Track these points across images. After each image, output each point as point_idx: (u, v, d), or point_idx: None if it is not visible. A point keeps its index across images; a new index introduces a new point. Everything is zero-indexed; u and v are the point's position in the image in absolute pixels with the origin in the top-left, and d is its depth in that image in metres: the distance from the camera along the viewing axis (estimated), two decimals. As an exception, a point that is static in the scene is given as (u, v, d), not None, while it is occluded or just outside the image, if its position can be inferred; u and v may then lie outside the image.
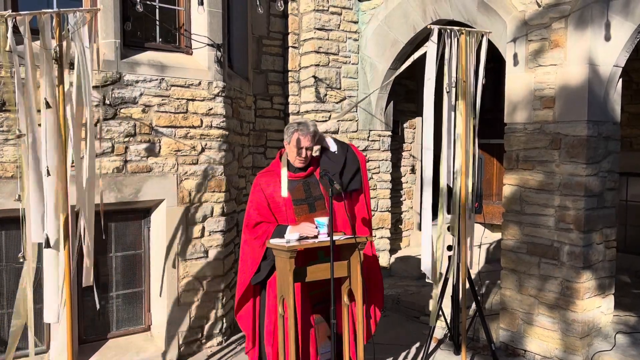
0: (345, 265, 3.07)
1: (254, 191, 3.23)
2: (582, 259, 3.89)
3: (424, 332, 4.70)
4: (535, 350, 4.17)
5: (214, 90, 4.38)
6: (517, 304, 4.29)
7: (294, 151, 3.17)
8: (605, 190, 4.04)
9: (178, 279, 4.25)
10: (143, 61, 4.06)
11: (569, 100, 3.91)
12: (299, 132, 3.14)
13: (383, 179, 6.15)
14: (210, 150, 4.37)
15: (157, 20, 4.29)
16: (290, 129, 3.18)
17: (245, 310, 3.32)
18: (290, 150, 3.19)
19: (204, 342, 4.43)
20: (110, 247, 4.11)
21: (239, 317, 3.34)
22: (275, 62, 5.81)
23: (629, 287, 5.24)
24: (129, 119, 3.98)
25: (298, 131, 3.14)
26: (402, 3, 5.38)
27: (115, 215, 4.07)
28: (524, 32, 4.16)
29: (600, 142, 3.95)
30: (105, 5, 3.83)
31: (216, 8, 4.39)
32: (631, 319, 4.34)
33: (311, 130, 3.16)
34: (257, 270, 3.18)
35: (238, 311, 3.33)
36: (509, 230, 4.32)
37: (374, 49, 5.76)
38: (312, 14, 5.59)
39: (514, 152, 4.27)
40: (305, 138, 3.13)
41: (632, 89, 6.16)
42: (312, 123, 3.23)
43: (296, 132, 3.14)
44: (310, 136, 3.15)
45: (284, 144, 3.25)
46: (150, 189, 4.08)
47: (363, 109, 5.94)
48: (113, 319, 4.16)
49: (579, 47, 3.85)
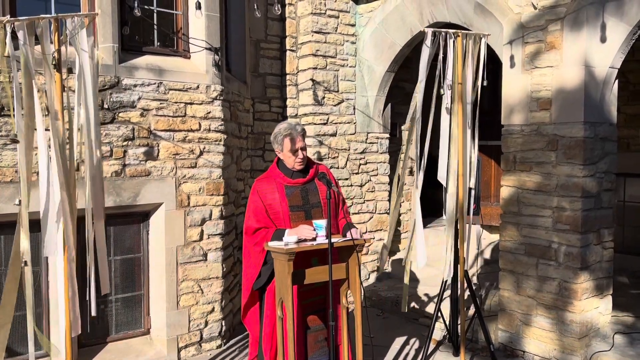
0: (343, 268, 3.08)
1: (252, 197, 3.23)
2: (579, 260, 3.90)
3: (423, 333, 4.71)
4: (534, 351, 4.18)
5: (212, 94, 4.39)
6: (515, 305, 4.30)
7: (289, 155, 3.16)
8: (602, 191, 4.05)
9: (177, 282, 4.25)
10: (141, 65, 4.07)
11: (566, 101, 3.93)
12: (287, 137, 3.13)
13: (381, 181, 6.17)
14: (209, 153, 4.39)
15: (155, 24, 4.30)
16: (279, 137, 3.15)
17: (251, 314, 3.33)
18: (286, 156, 3.18)
19: (203, 345, 4.44)
20: (109, 251, 4.11)
21: (246, 321, 3.35)
22: (273, 65, 5.83)
23: (627, 288, 5.25)
24: (128, 123, 3.99)
25: (287, 136, 3.13)
26: (399, 6, 5.40)
27: (114, 219, 4.07)
28: (520, 34, 4.18)
29: (596, 143, 3.97)
30: (103, 9, 3.85)
31: (214, 12, 4.41)
32: (629, 319, 4.35)
33: (299, 130, 3.16)
34: (258, 276, 3.20)
35: (245, 316, 3.34)
36: (507, 231, 4.34)
37: (372, 51, 5.78)
38: (309, 17, 5.61)
39: (511, 154, 4.29)
40: (297, 139, 3.14)
41: (629, 90, 6.18)
42: (295, 122, 3.25)
43: (286, 137, 3.13)
44: (301, 135, 3.16)
45: (277, 152, 3.23)
46: (149, 193, 4.09)
47: (361, 112, 5.95)
48: (112, 323, 4.17)
49: (575, 49, 3.87)
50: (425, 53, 3.70)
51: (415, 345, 4.58)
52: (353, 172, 5.92)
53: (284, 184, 3.19)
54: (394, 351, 4.45)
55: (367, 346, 3.35)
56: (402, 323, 5.17)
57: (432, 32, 3.72)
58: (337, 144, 5.81)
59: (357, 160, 5.95)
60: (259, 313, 3.29)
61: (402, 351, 4.46)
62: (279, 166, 3.25)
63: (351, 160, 5.90)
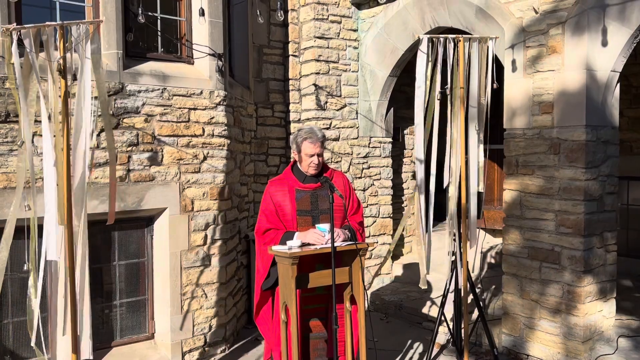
0: (347, 272, 3.09)
1: (265, 198, 3.27)
2: (582, 263, 3.90)
3: (426, 337, 4.71)
4: (538, 355, 4.17)
5: (216, 99, 4.42)
6: (519, 308, 4.30)
7: (305, 159, 3.19)
8: (605, 194, 4.06)
9: (181, 287, 4.27)
10: (145, 71, 4.10)
11: (568, 105, 3.94)
12: (307, 139, 3.16)
13: (384, 185, 6.18)
14: (212, 158, 4.41)
15: (159, 30, 4.34)
16: (299, 138, 3.19)
17: (263, 314, 3.35)
18: (301, 159, 3.21)
19: (207, 349, 4.45)
20: (114, 256, 4.14)
21: (258, 321, 3.37)
22: (276, 70, 5.86)
23: (631, 291, 5.24)
24: (132, 129, 4.02)
25: (307, 139, 3.16)
26: (400, 11, 5.43)
27: (118, 223, 4.09)
28: (521, 38, 4.20)
29: (599, 147, 3.97)
30: (107, 16, 3.88)
31: (217, 18, 4.44)
32: (633, 322, 4.34)
33: (319, 136, 3.18)
34: (267, 276, 3.21)
35: (257, 315, 3.36)
36: (510, 235, 4.34)
37: (374, 56, 5.81)
38: (311, 22, 5.65)
39: (513, 158, 4.30)
40: (315, 145, 3.15)
41: (632, 93, 6.18)
42: (318, 128, 3.25)
43: (305, 140, 3.16)
44: (320, 142, 3.18)
45: (293, 154, 3.27)
46: (153, 198, 4.11)
47: (364, 116, 5.98)
48: (117, 327, 4.18)
49: (577, 52, 3.89)
50: (422, 59, 3.73)
51: (419, 349, 4.58)
52: (356, 176, 5.94)
53: (295, 188, 3.21)
54: (398, 355, 4.45)
55: (370, 350, 3.36)
56: (405, 327, 5.17)
57: (429, 38, 3.75)
58: (340, 148, 5.82)
59: (360, 165, 5.97)
60: (270, 313, 3.31)
61: (405, 355, 4.46)
62: (293, 170, 3.29)
63: (354, 165, 5.92)
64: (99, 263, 4.06)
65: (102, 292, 4.10)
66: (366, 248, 3.08)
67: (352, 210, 3.32)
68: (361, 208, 3.42)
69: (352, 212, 3.32)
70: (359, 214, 3.38)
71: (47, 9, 3.87)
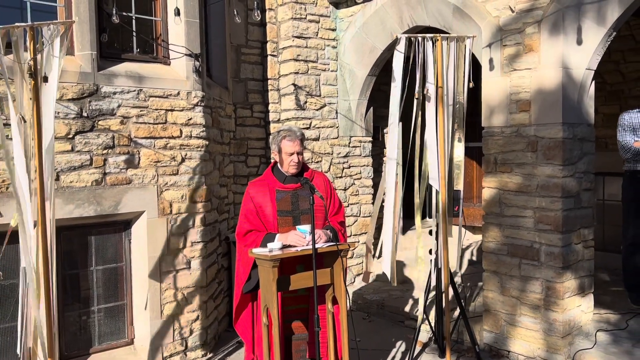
0: (328, 273, 3.07)
1: (245, 200, 3.24)
2: (561, 259, 3.95)
3: (409, 336, 4.72)
4: (519, 350, 4.21)
5: (193, 100, 4.36)
6: (499, 305, 4.33)
7: (285, 158, 3.18)
8: (582, 190, 4.11)
9: (161, 291, 4.21)
10: (120, 72, 4.03)
11: (544, 103, 3.98)
12: (286, 138, 3.16)
13: (365, 184, 6.18)
14: (191, 160, 4.35)
15: (134, 31, 4.26)
16: (278, 137, 3.20)
17: (243, 318, 3.31)
18: (282, 159, 3.21)
19: (188, 354, 4.39)
20: (91, 261, 4.06)
21: (237, 325, 3.32)
22: (255, 70, 5.82)
23: (608, 285, 5.33)
24: (107, 131, 3.94)
25: (286, 137, 3.17)
26: (378, 10, 5.43)
27: (95, 228, 4.02)
28: (498, 37, 4.23)
29: (575, 144, 4.02)
30: (80, 17, 3.80)
31: (193, 18, 4.38)
32: (611, 316, 4.41)
33: (298, 134, 3.19)
34: (248, 278, 3.18)
35: (236, 320, 3.32)
36: (489, 232, 4.37)
37: (353, 55, 5.80)
38: (290, 22, 5.61)
39: (492, 156, 4.33)
40: (294, 143, 3.16)
41: (606, 90, 6.29)
42: (297, 128, 3.26)
43: (284, 139, 3.17)
44: (299, 140, 3.17)
45: (273, 154, 3.26)
46: (131, 201, 4.04)
47: (343, 116, 5.97)
48: (95, 334, 4.10)
49: (553, 51, 3.93)
50: (398, 58, 3.73)
51: (402, 347, 4.59)
52: (337, 176, 5.93)
53: (275, 188, 3.19)
54: (381, 354, 4.45)
55: (353, 350, 3.35)
56: (388, 326, 5.18)
57: (407, 37, 3.75)
58: (320, 148, 5.81)
59: (341, 164, 5.96)
60: (251, 317, 3.27)
61: (388, 354, 4.47)
62: (273, 170, 3.27)
63: (334, 165, 5.91)
64: (75, 269, 3.98)
65: (80, 298, 4.01)
66: (347, 249, 3.07)
67: (333, 211, 3.31)
68: (342, 208, 3.41)
69: (333, 212, 3.31)
70: (341, 214, 3.38)
71: (17, 10, 3.77)
